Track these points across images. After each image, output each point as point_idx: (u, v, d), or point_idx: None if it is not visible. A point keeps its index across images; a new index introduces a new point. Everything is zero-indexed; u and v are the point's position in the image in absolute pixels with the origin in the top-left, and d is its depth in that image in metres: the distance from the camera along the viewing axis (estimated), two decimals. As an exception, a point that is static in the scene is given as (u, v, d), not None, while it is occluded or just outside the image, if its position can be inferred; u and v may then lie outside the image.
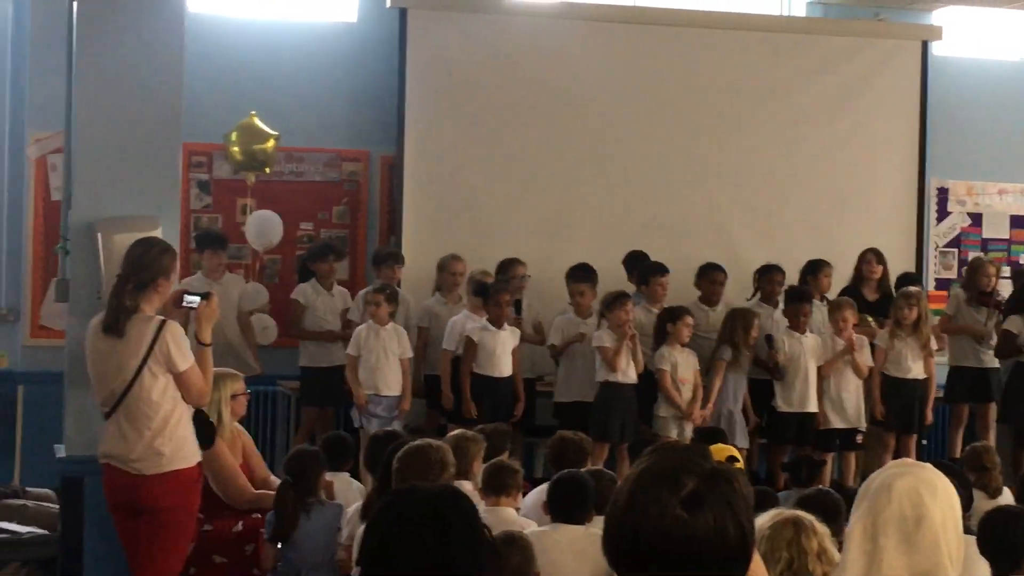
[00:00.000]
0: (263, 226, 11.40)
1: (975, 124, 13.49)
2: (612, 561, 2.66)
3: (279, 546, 7.28)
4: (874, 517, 3.34)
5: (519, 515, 7.09)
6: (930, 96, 13.03)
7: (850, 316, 11.06)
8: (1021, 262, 13.51)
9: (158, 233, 7.62)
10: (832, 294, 11.68)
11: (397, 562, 3.01)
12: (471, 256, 11.36)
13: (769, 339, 10.95)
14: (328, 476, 7.68)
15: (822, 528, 4.36)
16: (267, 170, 11.42)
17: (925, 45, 13.10)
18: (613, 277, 11.50)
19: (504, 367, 10.62)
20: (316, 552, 7.20)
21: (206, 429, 7.29)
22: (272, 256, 11.86)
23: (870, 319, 11.55)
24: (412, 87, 11.99)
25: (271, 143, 11.30)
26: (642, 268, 11.43)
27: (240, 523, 7.80)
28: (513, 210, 12.16)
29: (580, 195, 12.31)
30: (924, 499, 3.33)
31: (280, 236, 11.50)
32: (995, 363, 11.65)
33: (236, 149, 11.27)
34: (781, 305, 11.38)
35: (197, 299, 7.07)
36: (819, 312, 11.39)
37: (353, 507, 7.10)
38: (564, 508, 6.52)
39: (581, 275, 11.12)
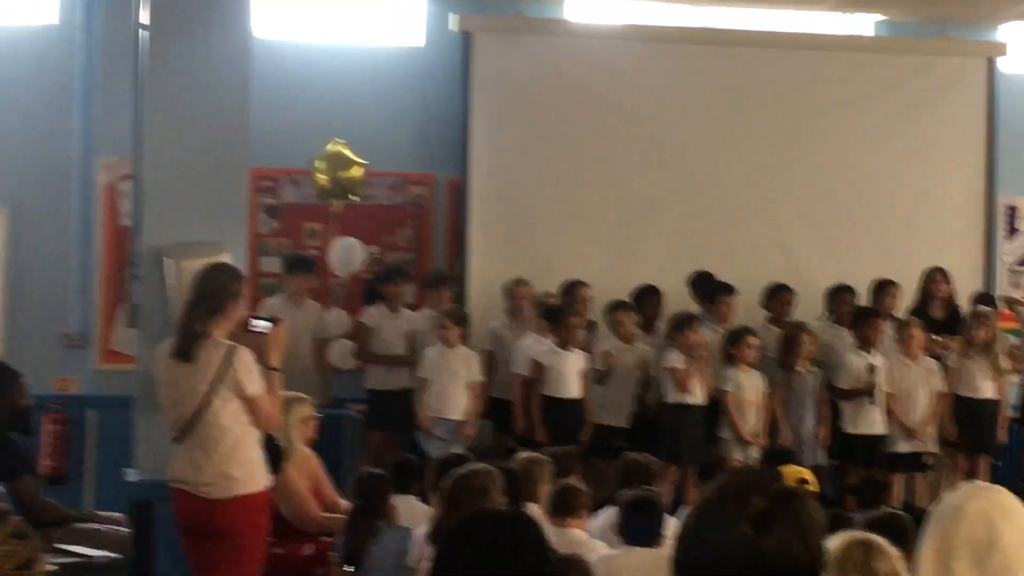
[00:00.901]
0: (347, 253, 11.45)
1: (1043, 141, 13.36)
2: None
3: (349, 570, 7.29)
4: (946, 540, 3.31)
5: (588, 537, 7.08)
6: (997, 113, 12.93)
7: (918, 335, 10.99)
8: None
9: (225, 258, 7.67)
10: (899, 313, 11.60)
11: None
12: (537, 278, 11.38)
13: (872, 368, 10.85)
14: (396, 499, 7.69)
15: (893, 551, 4.32)
16: (353, 198, 11.42)
17: (991, 62, 13.01)
18: (679, 297, 11.50)
19: (573, 389, 10.62)
20: (385, 575, 7.20)
21: (276, 453, 7.33)
22: (338, 280, 11.89)
23: (937, 338, 11.46)
24: (477, 110, 12.03)
25: (358, 171, 11.32)
26: (709, 288, 11.41)
27: (310, 547, 7.82)
28: (579, 232, 12.16)
29: (646, 215, 12.29)
30: (996, 522, 3.30)
31: (363, 262, 11.55)
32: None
33: (322, 176, 11.31)
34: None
35: (266, 324, 7.11)
36: (885, 333, 11.30)
37: (420, 530, 7.10)
38: (636, 530, 6.49)
39: (615, 305, 11.10)
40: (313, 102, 12.04)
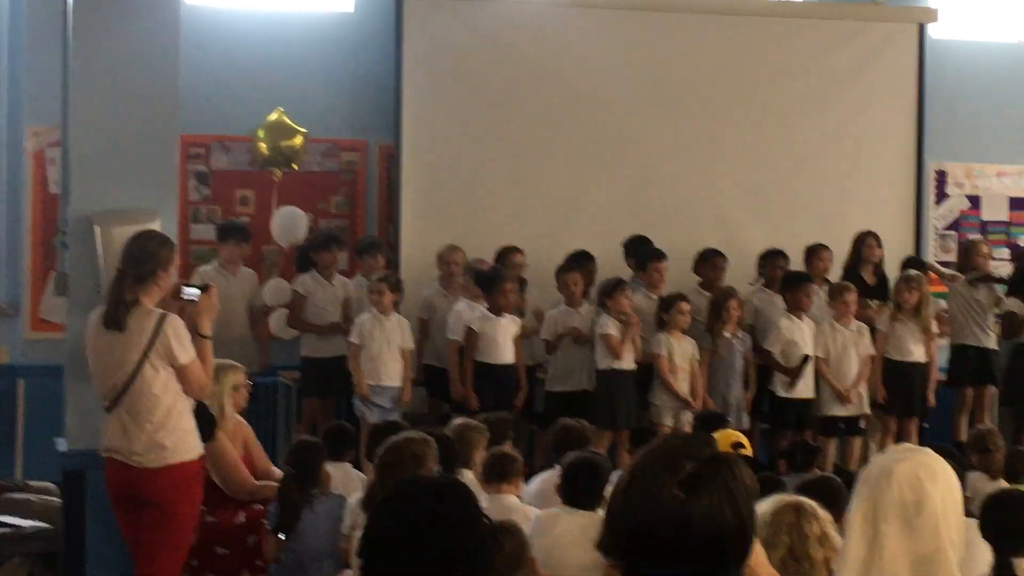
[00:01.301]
0: (289, 222, 11.41)
1: (973, 106, 13.48)
2: (612, 545, 2.67)
3: (282, 537, 7.28)
4: (875, 502, 3.33)
5: (521, 503, 7.11)
6: (927, 79, 13.01)
7: (852, 300, 11.06)
8: (1021, 244, 13.51)
9: (156, 225, 7.63)
10: (831, 278, 11.68)
11: (398, 553, 3.01)
12: (470, 245, 11.36)
13: (806, 359, 10.91)
14: (330, 467, 7.68)
15: (824, 513, 4.37)
16: (294, 166, 11.42)
17: (922, 28, 13.08)
18: (613, 264, 11.53)
19: (506, 355, 10.62)
20: (319, 543, 7.20)
21: (207, 422, 7.29)
22: (270, 247, 11.85)
23: (872, 303, 11.55)
24: (409, 76, 11.97)
25: (299, 139, 11.32)
26: (640, 254, 11.44)
27: (242, 515, 7.80)
28: (513, 198, 12.14)
29: (580, 182, 12.29)
30: (924, 484, 3.33)
31: (305, 232, 11.51)
32: (994, 344, 11.68)
33: (263, 145, 11.27)
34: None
35: (196, 292, 7.07)
36: (817, 296, 11.37)
37: (355, 497, 7.10)
38: (577, 491, 6.52)
39: (572, 264, 11.12)
40: (244, 68, 11.95)
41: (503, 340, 10.60)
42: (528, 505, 7.14)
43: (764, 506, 4.22)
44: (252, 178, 11.78)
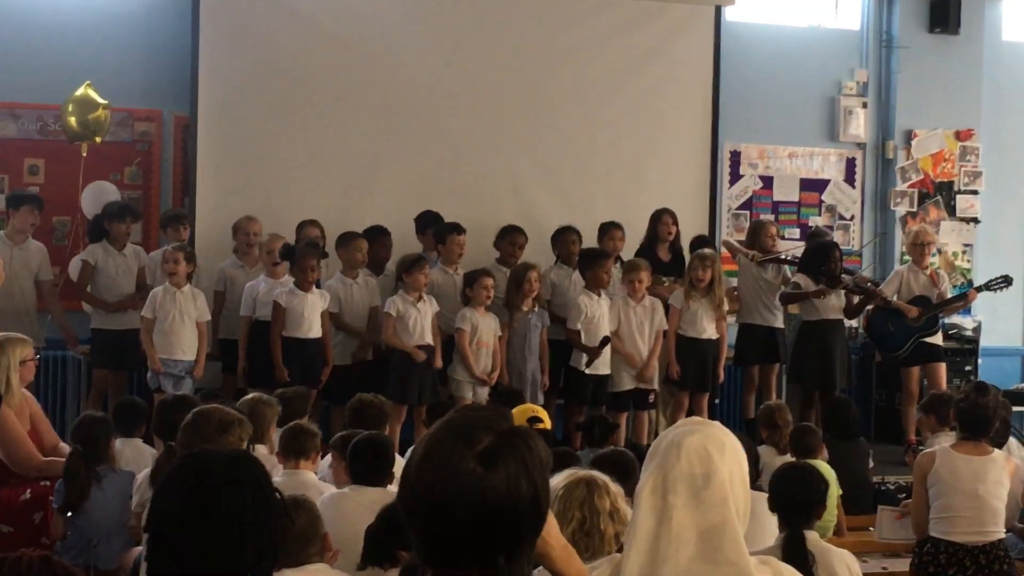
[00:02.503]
0: (101, 197, 11.20)
1: (766, 89, 13.74)
2: (406, 518, 2.65)
3: (69, 515, 7.12)
4: (664, 475, 3.35)
5: (317, 478, 7.06)
6: (723, 61, 13.22)
7: (644, 278, 11.19)
8: (810, 224, 13.83)
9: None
10: (626, 255, 11.81)
11: (185, 527, 2.95)
12: (267, 218, 11.27)
13: (606, 340, 10.99)
14: (120, 442, 7.53)
15: (615, 488, 4.39)
16: (98, 139, 11.22)
17: (718, 10, 13.28)
18: (412, 239, 11.52)
19: (313, 329, 10.53)
20: (108, 520, 7.08)
21: (-9, 395, 7.09)
22: (61, 218, 11.57)
23: (665, 279, 11.71)
24: (206, 45, 11.78)
25: (102, 112, 11.15)
26: (438, 228, 11.44)
27: (28, 491, 7.59)
28: (310, 171, 12.05)
29: (379, 156, 12.24)
30: (712, 456, 3.36)
31: None
32: (780, 323, 11.92)
33: (72, 120, 11.06)
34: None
35: (-22, 262, 6.86)
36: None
37: (143, 473, 6.98)
38: (365, 470, 6.50)
39: (358, 234, 11.08)
40: (35, 35, 11.68)
41: (311, 315, 10.51)
42: (323, 481, 7.10)
43: (557, 480, 4.24)
44: (42, 147, 11.49)
